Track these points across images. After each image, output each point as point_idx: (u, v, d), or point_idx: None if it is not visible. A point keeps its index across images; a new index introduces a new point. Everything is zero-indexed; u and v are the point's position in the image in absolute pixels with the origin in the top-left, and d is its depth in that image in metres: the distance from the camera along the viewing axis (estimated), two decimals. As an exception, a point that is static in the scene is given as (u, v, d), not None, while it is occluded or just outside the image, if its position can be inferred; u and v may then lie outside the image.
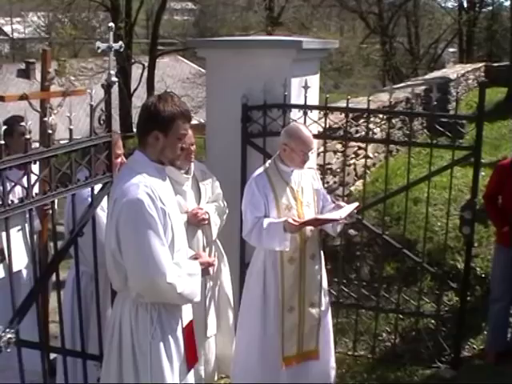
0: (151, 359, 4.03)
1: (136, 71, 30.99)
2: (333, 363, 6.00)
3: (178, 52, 37.66)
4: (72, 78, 28.00)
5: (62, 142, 4.35)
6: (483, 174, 8.72)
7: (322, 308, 5.76)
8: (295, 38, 8.92)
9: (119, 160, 5.18)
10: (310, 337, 5.71)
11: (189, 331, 4.28)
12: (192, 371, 4.43)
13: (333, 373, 6.00)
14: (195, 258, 4.42)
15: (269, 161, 5.64)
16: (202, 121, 6.62)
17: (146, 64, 30.21)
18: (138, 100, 30.22)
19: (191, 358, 4.31)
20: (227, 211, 5.97)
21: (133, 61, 29.67)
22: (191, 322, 4.36)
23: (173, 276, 3.90)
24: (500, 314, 6.60)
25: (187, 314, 4.31)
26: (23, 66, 38.29)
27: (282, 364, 5.60)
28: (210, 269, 4.43)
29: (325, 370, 5.92)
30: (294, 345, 5.65)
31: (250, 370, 5.66)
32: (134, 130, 28.06)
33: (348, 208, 5.51)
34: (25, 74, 37.65)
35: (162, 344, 4.05)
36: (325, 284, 5.83)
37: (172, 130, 4.03)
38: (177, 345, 4.14)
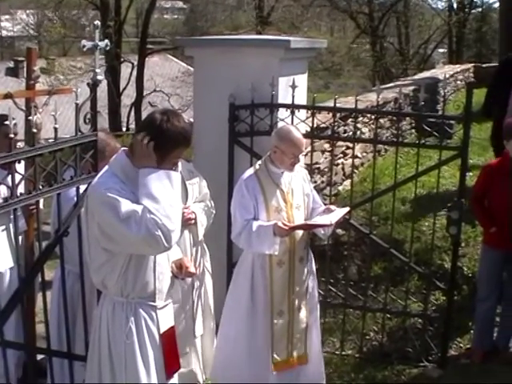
0: (126, 359, 4.01)
1: (125, 70, 30.97)
2: (322, 367, 5.99)
3: (167, 51, 37.65)
4: (61, 77, 27.96)
5: (49, 140, 4.35)
6: (471, 174, 8.75)
7: (311, 311, 5.75)
8: (283, 37, 8.92)
9: None
10: (300, 341, 5.69)
11: (169, 337, 4.23)
12: (176, 377, 4.40)
13: (322, 376, 5.99)
14: (180, 263, 4.40)
15: (259, 162, 5.60)
16: (192, 120, 6.61)
17: (136, 63, 30.17)
18: (128, 99, 30.24)
19: (171, 365, 4.26)
20: (214, 211, 5.96)
21: (122, 59, 29.64)
22: (172, 328, 4.32)
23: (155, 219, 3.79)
24: (487, 314, 6.61)
25: (167, 317, 4.27)
26: (12, 65, 38.14)
27: (272, 370, 5.57)
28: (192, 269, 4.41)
29: (314, 374, 5.90)
30: (284, 349, 5.61)
31: (237, 373, 5.63)
32: (124, 129, 28.06)
33: (339, 213, 5.48)
34: (13, 72, 37.53)
35: (136, 345, 4.03)
36: (314, 287, 5.82)
37: (170, 156, 3.99)
38: (154, 347, 4.11)
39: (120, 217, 3.75)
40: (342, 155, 9.76)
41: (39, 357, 5.16)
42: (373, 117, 8.02)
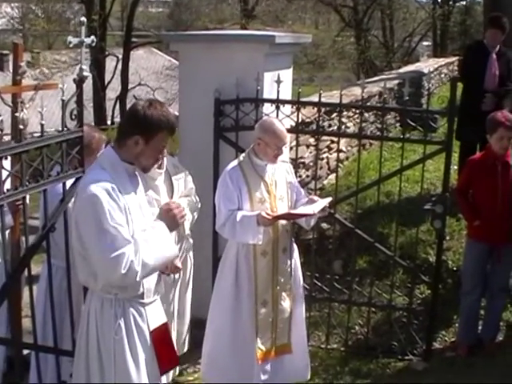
0: (115, 356, 4.00)
1: (110, 63, 30.86)
2: (307, 359, 6.03)
3: (152, 44, 37.48)
4: (46, 71, 27.83)
5: (35, 135, 4.34)
6: (455, 167, 8.78)
7: (296, 301, 5.80)
8: (268, 32, 8.94)
9: None
10: (283, 330, 5.73)
11: (161, 333, 4.21)
12: (170, 373, 4.41)
13: (307, 368, 6.03)
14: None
15: (243, 154, 5.65)
16: (177, 113, 6.65)
17: (120, 56, 30.07)
18: (112, 92, 30.15)
19: (165, 361, 4.24)
20: (199, 206, 5.98)
21: (107, 53, 29.54)
22: (164, 324, 4.31)
23: (129, 261, 3.79)
24: (471, 307, 6.65)
25: (157, 314, 4.26)
26: (-4, 58, 37.84)
27: (258, 360, 5.61)
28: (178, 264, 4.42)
29: (299, 365, 5.95)
30: (268, 339, 5.66)
31: (222, 364, 5.68)
32: (108, 122, 28.00)
33: (321, 203, 5.54)
34: (-2, 65, 37.23)
35: (126, 341, 4.01)
36: (299, 277, 5.87)
37: (154, 140, 3.98)
38: (143, 344, 4.10)
39: (100, 230, 3.78)
40: (326, 149, 9.76)
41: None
42: (357, 111, 8.03)
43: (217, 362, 5.75)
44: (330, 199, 5.77)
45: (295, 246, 5.83)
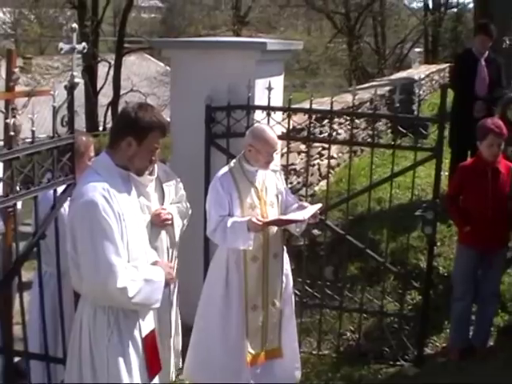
0: (108, 363, 3.99)
1: (102, 69, 30.83)
2: (297, 363, 6.04)
3: (144, 50, 37.48)
4: (37, 77, 27.79)
5: (27, 140, 4.34)
6: (446, 173, 8.81)
7: (286, 306, 5.82)
8: (260, 38, 8.97)
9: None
10: (274, 335, 5.76)
11: (150, 340, 4.22)
12: (157, 378, 4.40)
13: (297, 373, 6.05)
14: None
15: (233, 160, 5.67)
16: (169, 119, 6.66)
17: (113, 62, 30.05)
18: (104, 98, 30.12)
19: (153, 367, 4.25)
20: (190, 212, 5.98)
21: (99, 59, 29.51)
22: (153, 331, 4.31)
23: (125, 280, 3.84)
24: (462, 313, 6.66)
25: (148, 321, 4.26)
26: (-12, 63, 37.70)
27: (247, 363, 5.63)
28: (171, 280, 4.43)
29: (289, 369, 5.96)
30: (258, 343, 5.68)
31: (213, 368, 5.68)
32: (100, 128, 27.96)
33: (311, 209, 5.57)
34: (-11, 71, 37.10)
35: (119, 348, 4.01)
36: (289, 283, 5.88)
37: (146, 140, 4.01)
38: (136, 350, 4.09)
39: (94, 239, 3.81)
40: (317, 156, 9.79)
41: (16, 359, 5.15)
42: (349, 118, 8.05)
43: (207, 366, 5.74)
44: (320, 205, 5.79)
45: (285, 251, 5.84)
